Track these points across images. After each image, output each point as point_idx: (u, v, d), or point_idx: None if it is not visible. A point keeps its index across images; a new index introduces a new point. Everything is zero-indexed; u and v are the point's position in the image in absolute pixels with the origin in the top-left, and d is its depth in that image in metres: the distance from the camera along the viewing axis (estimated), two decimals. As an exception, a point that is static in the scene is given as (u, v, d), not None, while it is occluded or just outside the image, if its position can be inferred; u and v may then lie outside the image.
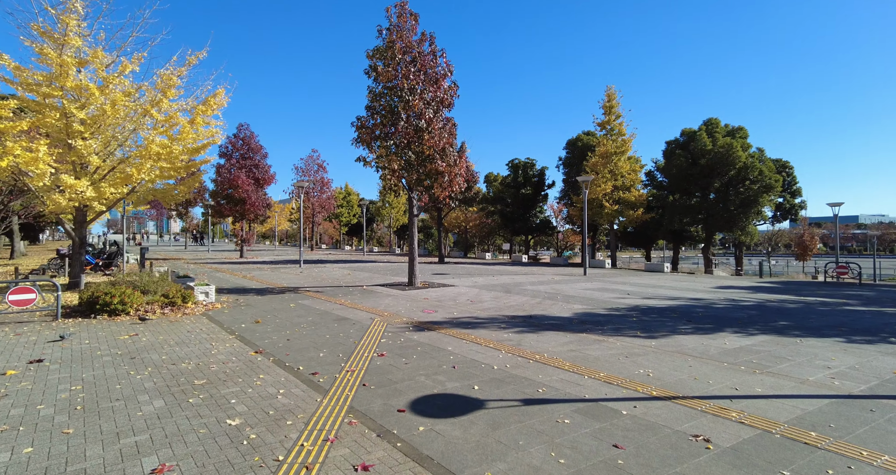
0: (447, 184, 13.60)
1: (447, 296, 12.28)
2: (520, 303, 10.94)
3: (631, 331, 7.81)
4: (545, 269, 22.86)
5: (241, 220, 29.17)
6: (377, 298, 11.68)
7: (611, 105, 26.59)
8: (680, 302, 11.54)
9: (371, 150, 13.99)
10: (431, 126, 13.39)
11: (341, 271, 19.64)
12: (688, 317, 9.33)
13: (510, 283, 15.44)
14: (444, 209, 28.79)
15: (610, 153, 26.11)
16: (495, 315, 9.39)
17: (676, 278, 18.79)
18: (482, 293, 12.88)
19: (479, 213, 40.97)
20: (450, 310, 10.00)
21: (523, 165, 38.67)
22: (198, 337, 7.30)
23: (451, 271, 20.38)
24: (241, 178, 27.14)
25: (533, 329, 7.98)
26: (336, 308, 10.15)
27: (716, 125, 26.97)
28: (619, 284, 15.60)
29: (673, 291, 13.79)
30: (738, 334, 7.65)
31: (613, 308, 10.37)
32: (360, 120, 13.76)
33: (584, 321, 8.73)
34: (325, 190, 41.37)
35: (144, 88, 11.94)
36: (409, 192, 14.30)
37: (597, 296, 12.49)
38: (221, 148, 28.15)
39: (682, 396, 4.66)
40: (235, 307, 10.24)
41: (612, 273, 21.34)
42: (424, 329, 7.94)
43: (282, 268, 21.32)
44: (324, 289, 13.37)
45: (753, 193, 24.89)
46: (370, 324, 8.32)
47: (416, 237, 14.71)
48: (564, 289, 13.82)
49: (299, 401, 4.51)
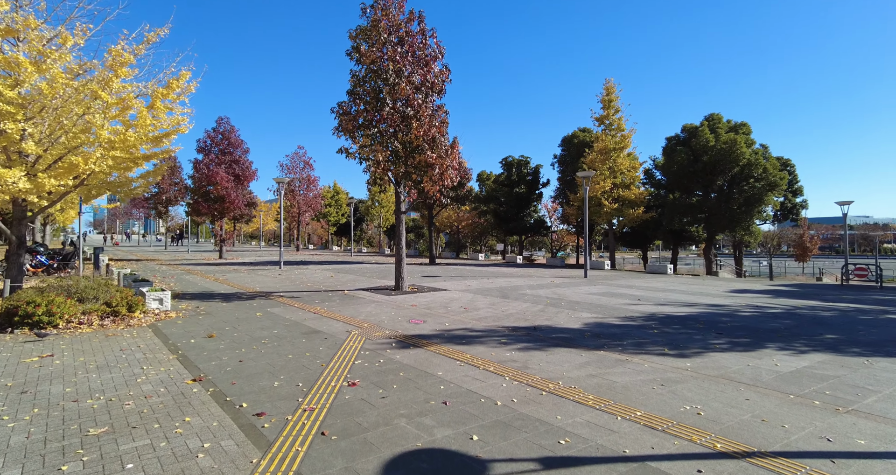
0: (438, 177, 12.29)
1: (438, 302, 10.96)
2: (520, 311, 9.65)
3: (656, 348, 6.55)
4: (542, 271, 21.64)
5: (220, 218, 27.61)
6: (358, 305, 10.33)
7: (609, 99, 25.46)
8: (698, 309, 10.33)
9: (354, 139, 12.65)
10: (420, 113, 12.08)
11: (323, 274, 18.25)
12: (715, 328, 8.10)
13: (507, 287, 14.16)
14: (435, 207, 27.47)
15: (609, 149, 24.97)
16: (493, 326, 8.09)
17: (683, 281, 17.63)
18: (477, 299, 11.58)
19: (472, 212, 39.70)
20: (440, 319, 8.69)
21: (517, 163, 37.48)
22: (130, 358, 5.91)
23: (442, 273, 19.07)
24: (220, 174, 25.59)
25: (540, 345, 6.70)
26: (309, 318, 8.79)
27: (718, 121, 25.94)
28: (624, 288, 14.39)
29: (686, 296, 12.59)
30: (786, 352, 6.42)
31: (627, 317, 9.12)
32: (342, 106, 12.41)
33: (599, 334, 7.47)
34: (312, 188, 39.82)
35: (92, 67, 10.50)
36: (396, 186, 12.97)
37: (605, 302, 11.25)
38: (199, 143, 26.58)
39: (760, 453, 3.39)
40: (192, 317, 8.84)
41: (613, 275, 20.16)
42: (410, 345, 6.62)
43: (260, 270, 19.86)
44: (300, 295, 11.99)
45: (758, 191, 23.88)
46: (345, 339, 6.98)
47: (403, 236, 13.39)
48: (567, 294, 12.57)
49: (227, 463, 3.18)
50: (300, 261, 25.46)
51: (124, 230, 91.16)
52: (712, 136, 24.70)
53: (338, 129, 12.74)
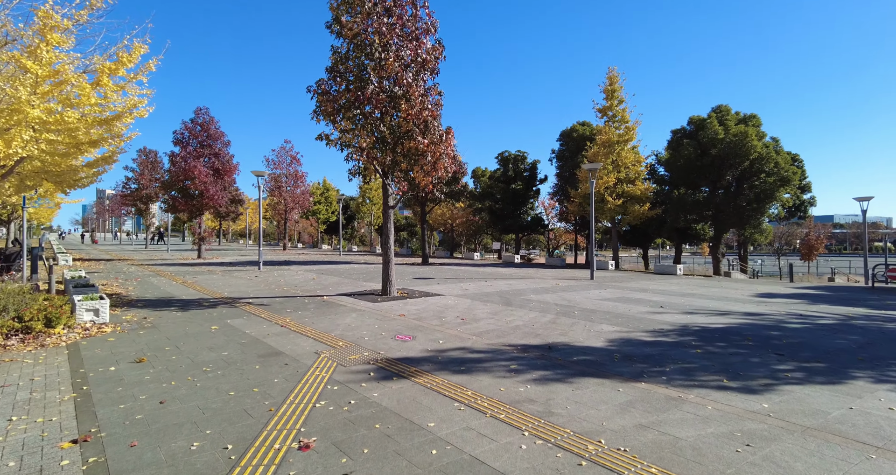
0: (430, 167, 10.76)
1: (430, 310, 9.45)
2: (528, 323, 8.16)
3: (711, 377, 5.08)
4: (543, 272, 20.18)
5: (199, 215, 25.87)
6: (336, 316, 8.79)
7: (613, 89, 24.02)
8: (734, 318, 8.88)
9: (335, 124, 11.08)
10: (410, 92, 10.54)
11: (305, 275, 16.65)
12: (770, 346, 6.65)
13: (508, 291, 12.67)
14: (428, 204, 25.90)
15: (612, 142, 23.55)
16: (499, 344, 6.58)
17: (697, 283, 16.23)
18: (476, 306, 10.07)
19: (467, 209, 38.19)
20: (433, 334, 7.17)
21: (514, 158, 36.00)
22: (5, 400, 4.35)
23: (435, 275, 17.55)
24: (198, 168, 23.86)
25: (561, 373, 5.21)
26: (273, 333, 7.24)
27: (726, 112, 24.59)
28: (638, 292, 12.94)
29: (711, 302, 11.16)
30: (888, 384, 4.96)
31: (657, 330, 7.65)
32: (320, 85, 10.82)
33: (631, 356, 5.98)
34: (300, 184, 38.09)
35: (22, 36, 8.89)
36: (383, 178, 11.43)
37: (623, 310, 9.78)
38: (176, 135, 24.80)
39: None
40: (132, 332, 7.27)
41: (620, 276, 18.73)
42: (393, 375, 5.11)
43: (238, 271, 18.23)
44: (271, 302, 10.42)
45: (769, 187, 22.54)
46: (311, 366, 5.45)
47: (391, 235, 11.85)
48: (578, 300, 11.09)
49: None
50: (283, 262, 23.83)
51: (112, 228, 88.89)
52: (721, 128, 23.35)
53: (316, 113, 11.16)
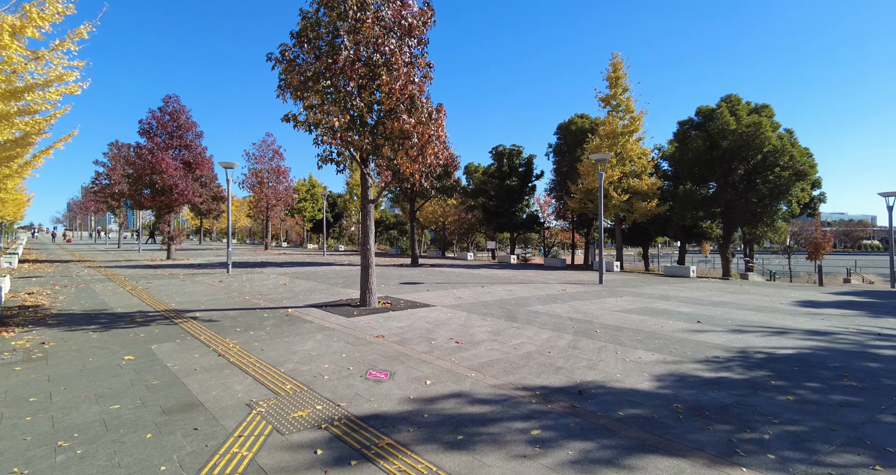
0: (417, 151, 8.91)
1: (417, 327, 7.61)
2: (542, 348, 6.35)
3: (845, 456, 3.31)
4: (544, 274, 18.42)
5: (167, 212, 23.75)
6: (296, 337, 6.92)
7: (616, 76, 22.28)
8: (798, 339, 7.13)
9: (303, 100, 9.18)
10: (393, 62, 8.68)
11: (277, 280, 14.72)
12: (881, 387, 4.89)
13: (509, 300, 10.87)
14: (417, 200, 24.01)
15: (617, 133, 21.83)
16: (508, 387, 4.76)
17: (721, 288, 14.52)
18: (473, 321, 8.25)
19: (459, 207, 36.37)
20: (418, 369, 5.34)
21: (509, 153, 34.26)
22: None
23: (425, 278, 15.70)
24: (167, 161, 21.76)
25: (608, 446, 3.39)
26: (203, 367, 5.36)
27: (737, 102, 22.97)
28: (660, 300, 11.20)
29: (752, 314, 9.43)
30: None
31: (713, 360, 5.87)
32: (284, 52, 8.90)
33: (698, 407, 4.18)
34: (283, 179, 35.94)
35: None
36: (360, 165, 9.56)
37: (653, 326, 8.01)
38: (142, 124, 22.64)
39: None
40: (5, 366, 5.36)
41: (630, 280, 17.02)
42: (353, 454, 3.26)
43: (202, 274, 16.25)
44: (223, 316, 8.52)
45: (784, 182, 20.95)
46: (232, 432, 3.59)
47: (372, 234, 9.99)
48: (595, 312, 9.31)
49: None
50: (259, 263, 21.83)
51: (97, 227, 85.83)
52: (733, 118, 21.71)
53: (281, 88, 9.25)
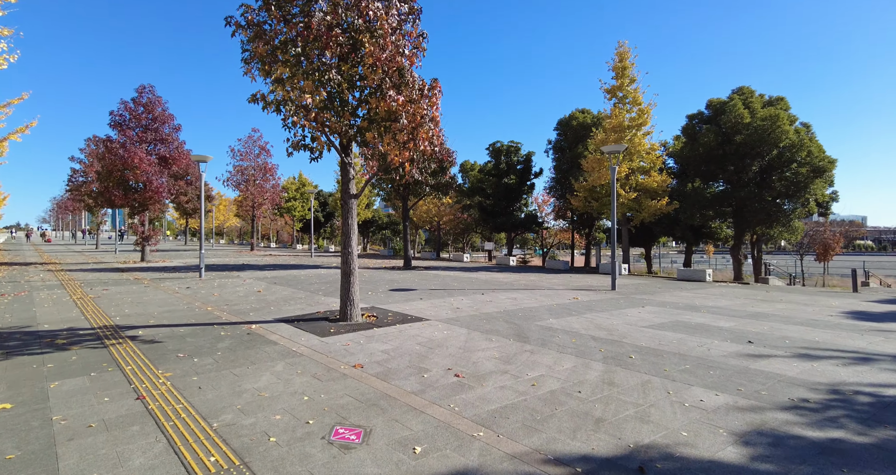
0: (407, 135, 7.41)
1: (406, 353, 6.10)
2: (569, 385, 4.86)
3: None
4: (548, 279, 16.97)
5: (141, 211, 22.07)
6: (251, 367, 5.38)
7: (623, 66, 20.88)
8: (882, 366, 5.69)
9: (272, 74, 7.64)
10: (378, 28, 7.17)
11: (252, 286, 13.15)
12: None
13: (515, 311, 9.38)
14: (411, 198, 22.49)
15: (624, 127, 20.41)
16: (532, 461, 3.24)
17: (749, 295, 13.09)
18: (475, 342, 6.75)
19: (455, 205, 34.88)
20: (404, 421, 3.82)
21: (506, 150, 32.79)
22: None
23: (418, 284, 14.19)
24: (140, 155, 20.10)
25: None
26: (106, 420, 3.80)
27: (750, 95, 21.63)
28: (689, 311, 9.75)
29: (804, 330, 8.00)
30: None
31: (803, 406, 4.39)
32: (246, 14, 7.36)
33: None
34: (269, 177, 34.30)
35: None
36: (340, 153, 8.05)
37: (696, 348, 6.54)
38: (113, 116, 20.96)
39: None
40: None
41: (642, 285, 15.60)
42: None
43: (170, 279, 14.64)
44: (171, 335, 6.96)
45: (803, 179, 19.64)
46: None
47: (354, 235, 8.47)
48: (619, 329, 7.83)
49: None
50: (238, 266, 20.22)
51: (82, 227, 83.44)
52: (747, 111, 20.37)
53: (247, 62, 7.73)
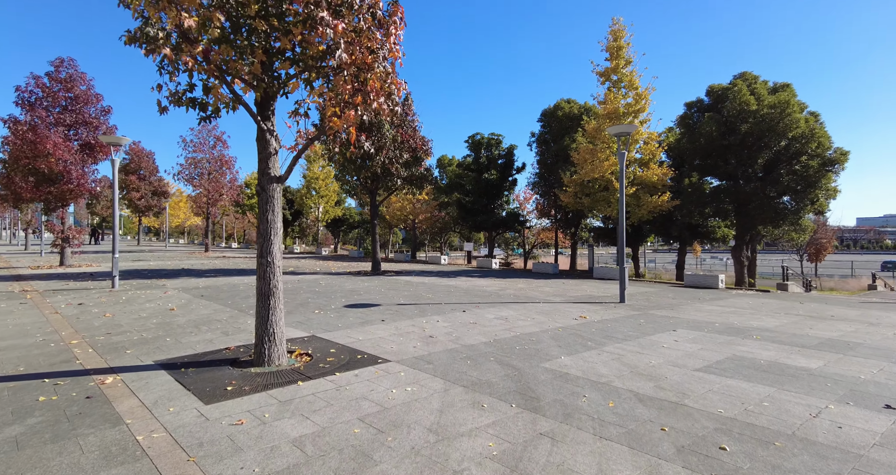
0: (351, 85, 4.81)
1: (335, 445, 3.46)
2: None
3: None
4: (538, 286, 14.59)
5: (61, 206, 18.77)
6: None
7: (618, 45, 18.68)
8: None
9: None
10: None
11: (171, 300, 10.30)
12: None
13: (509, 341, 6.88)
14: (380, 192, 19.79)
15: (619, 113, 18.22)
16: None
17: (787, 308, 10.88)
18: (455, 411, 4.17)
19: (431, 203, 32.33)
20: None
21: (486, 143, 30.42)
22: None
23: (383, 296, 11.58)
24: (52, 140, 16.87)
25: None
26: None
27: (754, 81, 19.73)
28: (738, 339, 7.43)
29: None
30: None
31: None
32: None
33: None
34: (227, 171, 31.11)
35: None
36: (253, 114, 5.39)
37: (810, 421, 4.14)
38: (21, 92, 17.61)
39: None
40: None
41: (651, 294, 13.34)
42: None
43: (72, 290, 11.64)
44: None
45: (814, 172, 17.82)
46: None
47: (277, 236, 5.78)
48: (665, 374, 5.40)
49: None
50: (175, 271, 17.21)
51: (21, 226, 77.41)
52: (752, 98, 18.45)
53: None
